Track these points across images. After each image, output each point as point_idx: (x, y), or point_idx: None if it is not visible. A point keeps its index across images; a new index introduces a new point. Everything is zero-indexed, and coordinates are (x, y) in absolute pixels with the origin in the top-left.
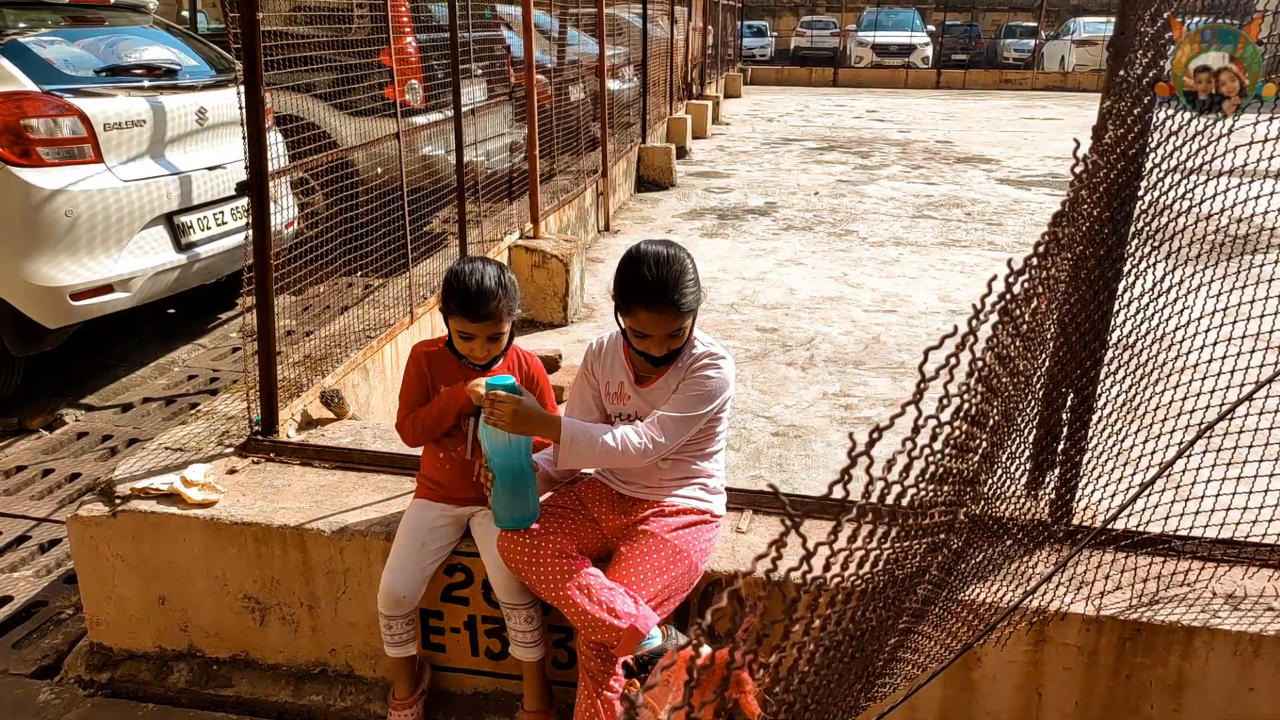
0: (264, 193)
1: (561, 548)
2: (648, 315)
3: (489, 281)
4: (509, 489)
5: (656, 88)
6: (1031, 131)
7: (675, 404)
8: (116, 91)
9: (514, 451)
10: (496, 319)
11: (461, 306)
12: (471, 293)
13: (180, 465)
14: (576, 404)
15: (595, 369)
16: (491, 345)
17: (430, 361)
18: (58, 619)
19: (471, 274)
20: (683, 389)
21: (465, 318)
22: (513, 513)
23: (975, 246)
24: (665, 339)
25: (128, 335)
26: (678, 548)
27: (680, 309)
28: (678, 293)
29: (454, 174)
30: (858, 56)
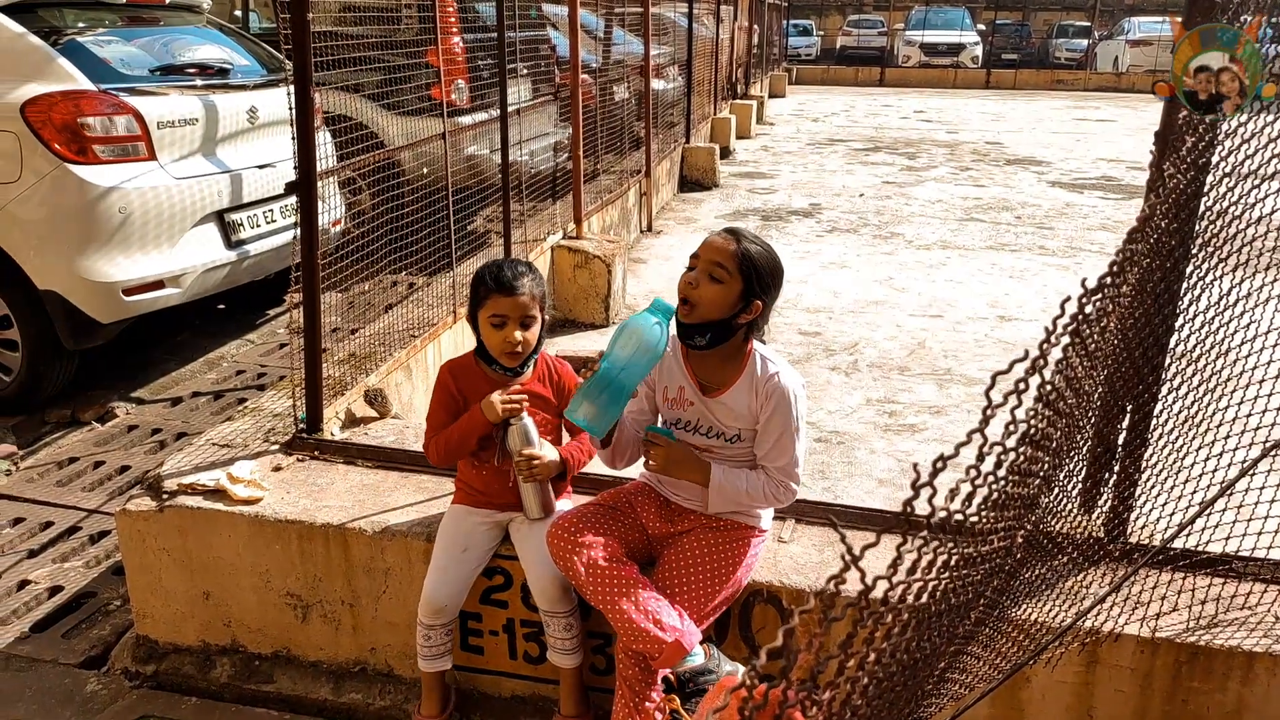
0: (311, 192)
1: (612, 551)
2: (710, 240)
3: (520, 266)
4: (601, 393)
5: (701, 87)
6: (1084, 133)
7: (779, 448)
8: (170, 90)
9: (630, 367)
10: (529, 297)
11: (495, 284)
12: (505, 272)
13: (227, 461)
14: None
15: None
16: (524, 333)
17: (457, 377)
18: (106, 610)
19: (503, 262)
20: (770, 425)
21: (500, 295)
22: (586, 415)
23: (1025, 251)
24: (705, 271)
25: (178, 330)
26: (722, 559)
27: (738, 243)
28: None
29: (498, 173)
30: (905, 56)
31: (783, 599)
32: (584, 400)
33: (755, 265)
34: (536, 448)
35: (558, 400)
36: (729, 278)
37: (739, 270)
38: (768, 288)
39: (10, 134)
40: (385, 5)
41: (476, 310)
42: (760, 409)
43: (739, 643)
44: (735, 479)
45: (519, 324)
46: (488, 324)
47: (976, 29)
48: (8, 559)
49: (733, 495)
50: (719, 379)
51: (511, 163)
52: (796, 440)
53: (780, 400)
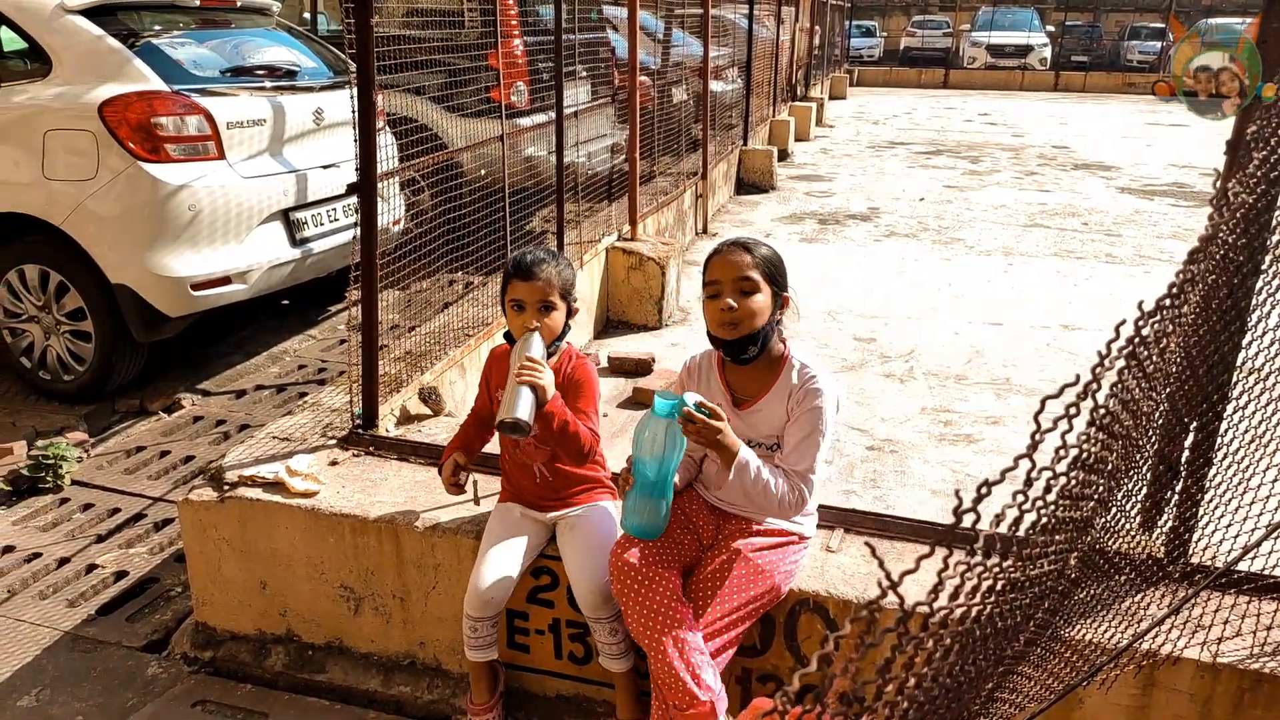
0: (371, 192)
1: (673, 588)
2: (718, 260)
3: (543, 253)
4: (649, 496)
5: (760, 89)
6: (1155, 138)
7: (800, 451)
8: (239, 91)
9: (667, 463)
10: (547, 283)
11: (515, 269)
12: (525, 257)
13: (286, 455)
14: None
15: (688, 388)
16: (543, 317)
17: (494, 363)
18: (168, 595)
19: (529, 250)
20: (796, 428)
21: (518, 279)
22: (643, 521)
23: (1091, 258)
24: (734, 291)
25: (243, 325)
26: (760, 568)
27: (751, 253)
28: (751, 243)
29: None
30: (971, 57)
31: (829, 609)
32: (633, 511)
33: (774, 265)
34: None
35: (564, 388)
36: (758, 286)
37: (764, 275)
38: (786, 281)
39: (88, 133)
40: (448, 9)
41: (503, 296)
42: (791, 411)
43: (784, 652)
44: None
45: (537, 308)
46: (509, 308)
47: (1045, 30)
48: (77, 543)
49: (751, 482)
50: (753, 389)
51: (568, 164)
52: (819, 449)
53: (814, 402)
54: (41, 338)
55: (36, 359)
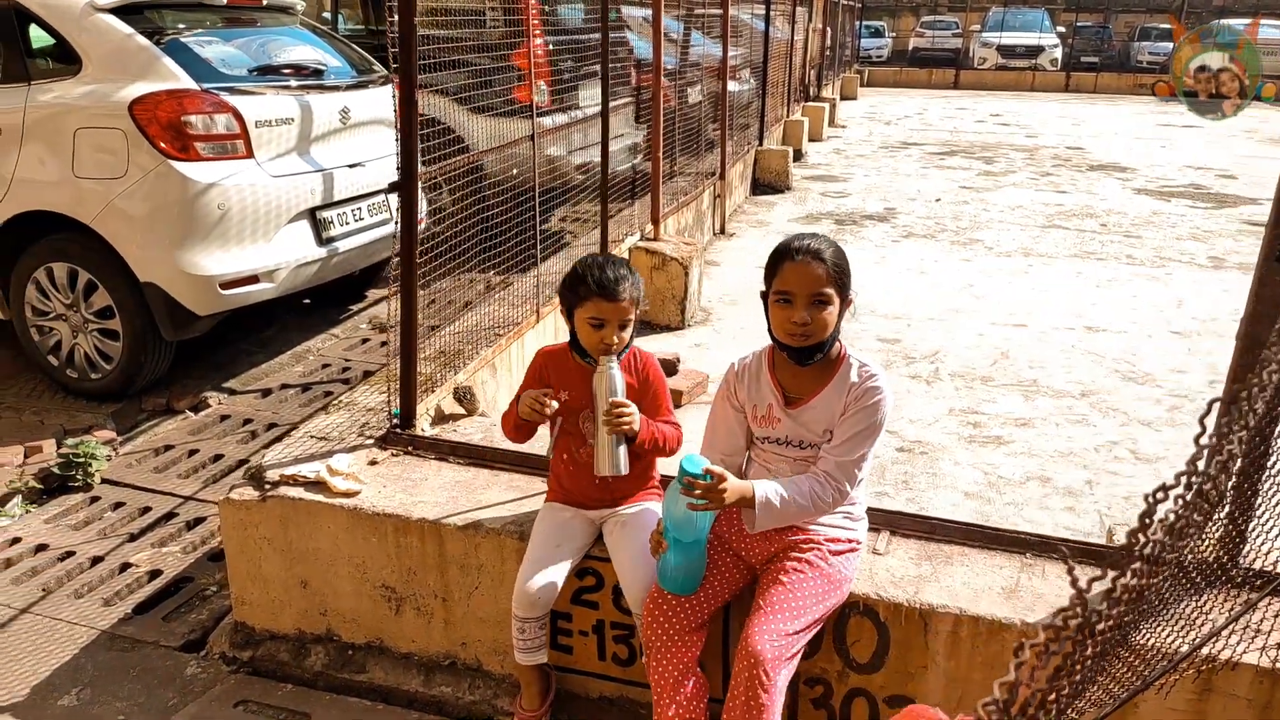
0: (412, 190)
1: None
2: (792, 267)
3: (621, 268)
4: (684, 560)
5: (774, 89)
6: (1169, 139)
7: (853, 443)
8: (267, 90)
9: (698, 528)
10: (631, 302)
11: (599, 290)
12: (608, 275)
13: (325, 454)
14: (720, 430)
15: (738, 392)
16: (622, 334)
17: (549, 363)
18: (203, 595)
19: (604, 263)
20: (852, 421)
21: (602, 299)
22: (679, 581)
23: (1111, 260)
24: (809, 304)
25: (266, 324)
26: (830, 577)
27: (827, 264)
28: (821, 248)
29: (575, 174)
30: (981, 58)
31: (879, 612)
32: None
33: (844, 271)
34: (621, 396)
35: (640, 392)
36: (831, 298)
37: (837, 287)
38: (851, 281)
39: (118, 131)
40: (472, 8)
41: (574, 307)
42: (848, 407)
43: (833, 655)
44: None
45: (617, 326)
46: (585, 323)
47: (1056, 31)
48: (110, 542)
49: (779, 511)
50: (808, 387)
51: (589, 163)
52: (871, 444)
53: (873, 401)
54: (69, 336)
55: (64, 357)
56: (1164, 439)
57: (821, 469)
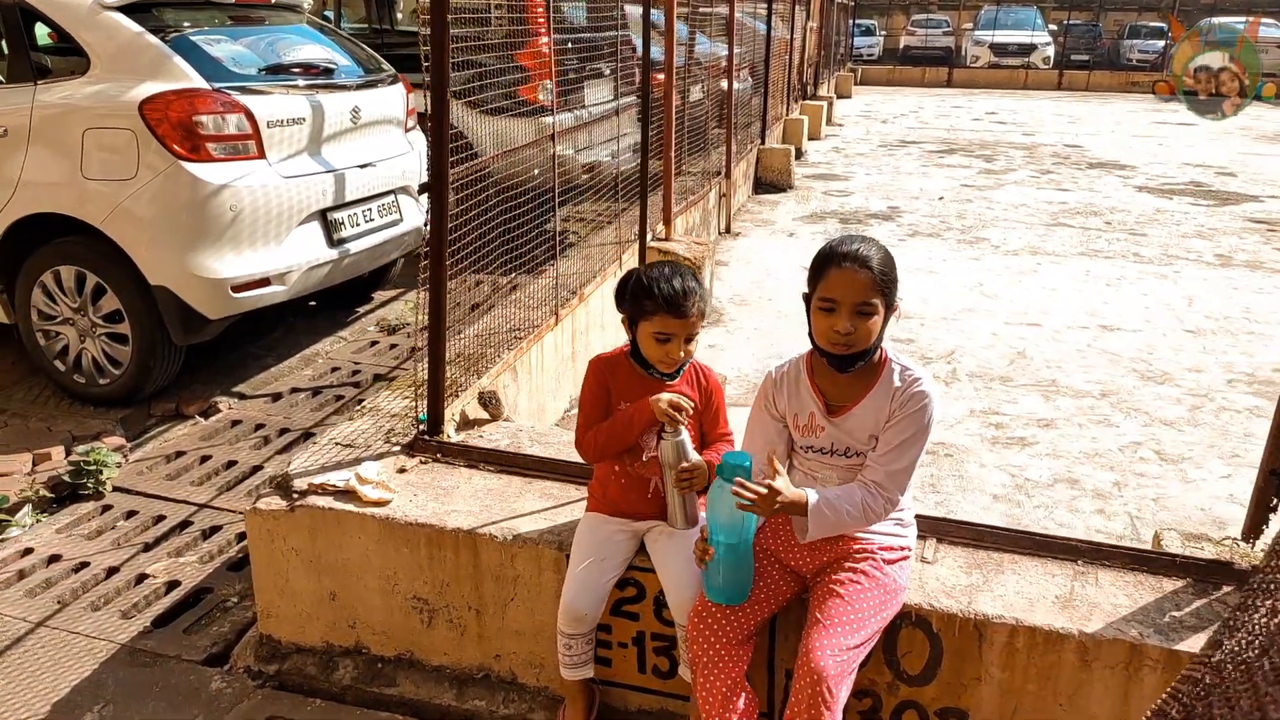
0: (443, 193)
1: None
2: (838, 274)
3: (689, 280)
4: (732, 567)
5: (773, 88)
6: (1165, 136)
7: (900, 450)
8: (278, 90)
9: (745, 531)
10: (699, 317)
11: (667, 305)
12: (677, 290)
13: (352, 462)
14: (758, 441)
15: (776, 401)
16: (688, 347)
17: (610, 373)
18: (224, 606)
19: (670, 274)
20: (898, 428)
21: (670, 315)
22: (727, 590)
23: (1119, 258)
24: (853, 313)
25: (274, 327)
26: (887, 587)
27: (874, 271)
28: (868, 254)
29: (582, 173)
30: (974, 56)
31: (932, 623)
32: (716, 581)
33: (890, 280)
34: (691, 460)
35: (702, 406)
36: (876, 308)
37: (882, 295)
38: (897, 285)
39: (128, 131)
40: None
41: (639, 318)
42: (894, 413)
43: (882, 667)
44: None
45: (684, 340)
46: (650, 337)
47: (1048, 29)
48: (124, 552)
49: (832, 521)
50: (849, 394)
51: (593, 163)
52: (919, 452)
53: (920, 405)
54: (76, 340)
55: (71, 362)
56: (1187, 439)
57: (870, 479)
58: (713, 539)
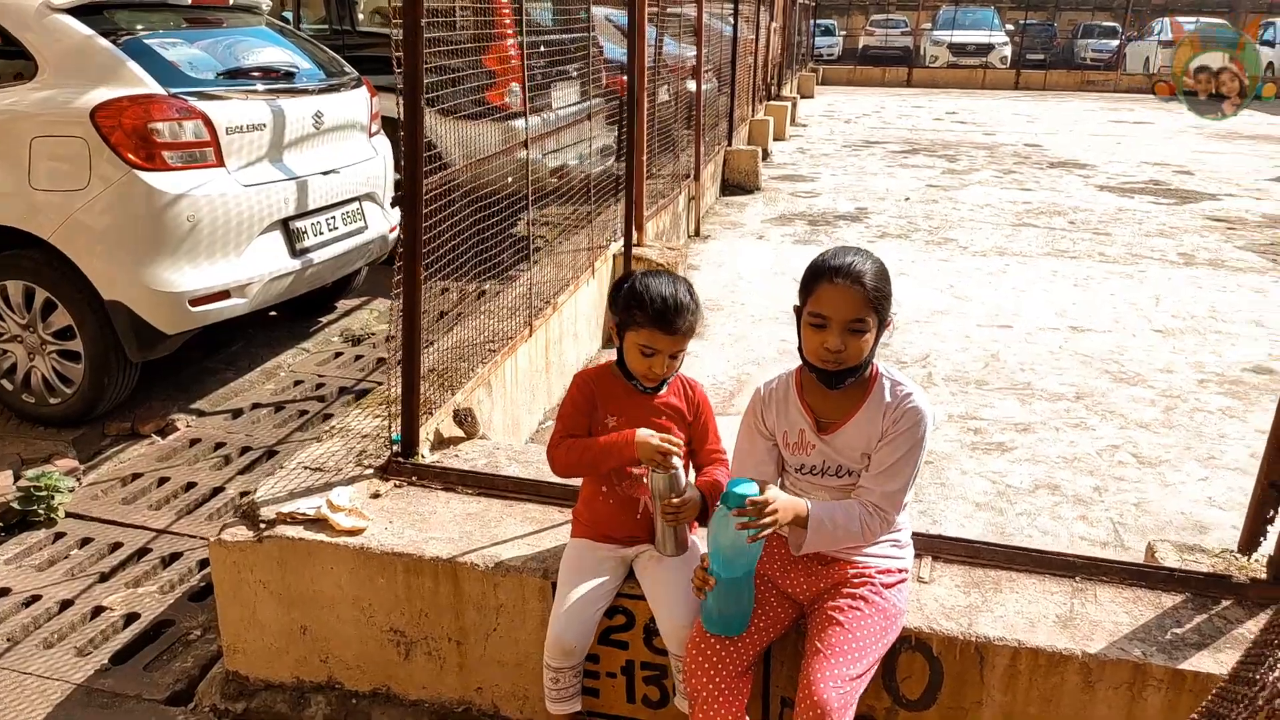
0: (417, 204)
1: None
2: (829, 290)
3: (682, 295)
4: (734, 597)
5: (739, 89)
6: (1122, 135)
7: (896, 469)
8: (237, 95)
9: (749, 561)
10: (687, 334)
11: (656, 320)
12: (669, 305)
13: (322, 487)
14: (748, 460)
15: (765, 418)
16: (671, 363)
17: (597, 386)
18: (186, 640)
19: (664, 287)
20: (892, 447)
21: (658, 331)
22: (727, 621)
23: (1085, 258)
24: (844, 330)
25: (232, 339)
26: (887, 612)
27: (866, 289)
28: (862, 269)
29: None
30: (933, 56)
31: (933, 647)
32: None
33: (884, 295)
34: (683, 494)
35: (691, 416)
36: (868, 325)
37: (875, 311)
38: (891, 299)
39: (79, 139)
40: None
41: (627, 327)
42: (886, 430)
43: (880, 692)
44: (833, 519)
45: (668, 356)
46: (636, 349)
47: (1005, 29)
48: (78, 583)
49: (830, 534)
50: (840, 411)
51: (561, 167)
52: (914, 471)
53: (913, 422)
54: (25, 358)
55: (20, 381)
56: (1163, 442)
57: (868, 500)
58: (714, 569)
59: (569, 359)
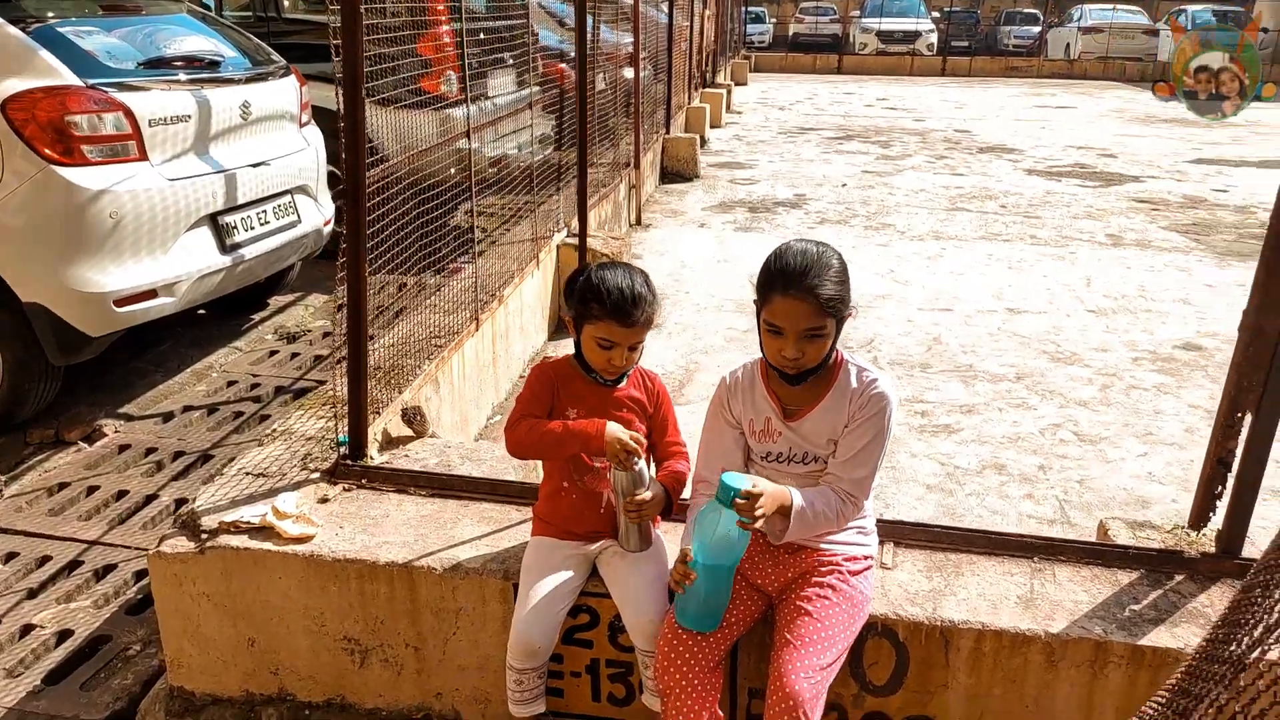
0: (360, 198)
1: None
2: (781, 302)
3: (639, 287)
4: (715, 592)
5: (676, 76)
6: (1047, 120)
7: (863, 456)
8: (160, 85)
9: (736, 555)
10: (646, 326)
11: (613, 312)
12: (626, 297)
13: (266, 493)
14: (715, 449)
15: (732, 406)
16: (630, 355)
17: (556, 378)
18: (125, 656)
19: (621, 279)
20: (859, 433)
21: (616, 323)
22: (705, 616)
23: (1017, 240)
24: (799, 339)
25: (160, 339)
26: (854, 600)
27: (820, 299)
28: (817, 279)
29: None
30: (862, 43)
31: (899, 632)
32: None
33: (841, 301)
34: (646, 490)
35: (651, 408)
36: (828, 329)
37: (831, 316)
38: (850, 295)
39: None
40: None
41: (584, 320)
42: (853, 417)
43: (848, 679)
44: (813, 506)
45: (627, 349)
46: (593, 341)
47: (930, 16)
48: (5, 600)
49: (811, 523)
50: (806, 398)
51: (499, 157)
52: (880, 456)
53: (879, 408)
54: None
55: None
56: (1102, 419)
57: (837, 487)
58: (697, 563)
59: (516, 352)
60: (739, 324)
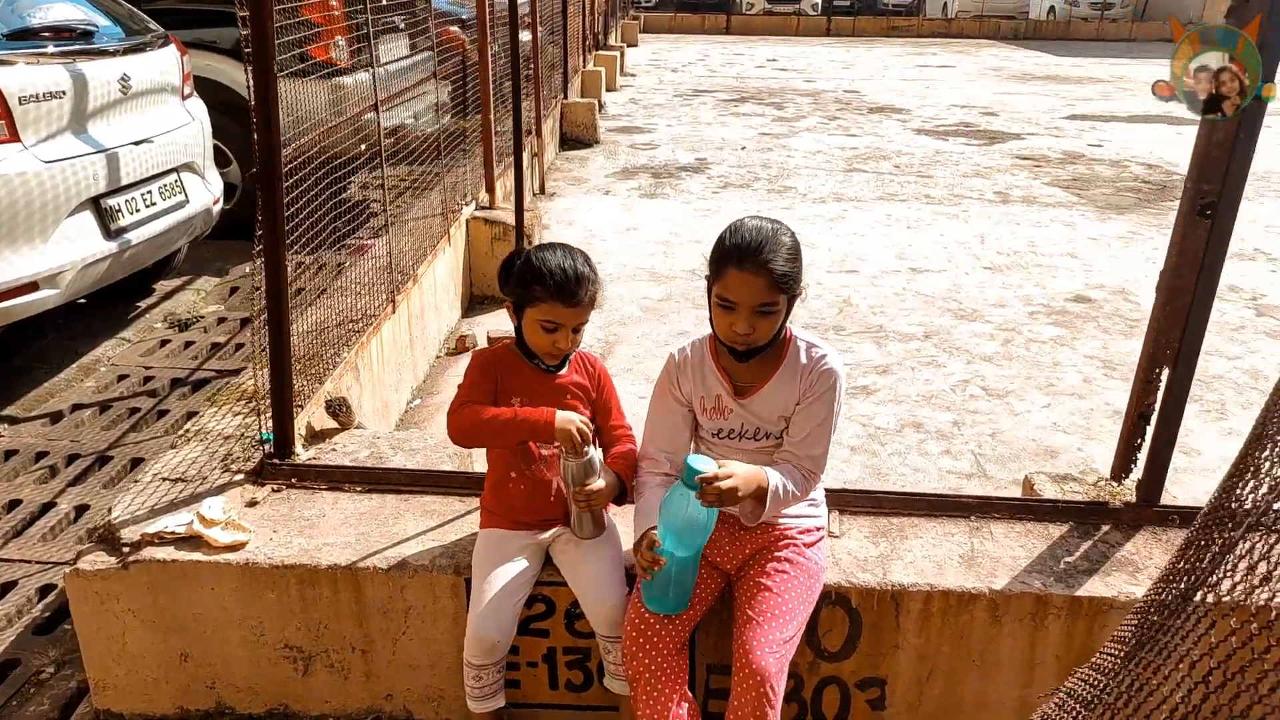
0: (275, 178)
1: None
2: (735, 276)
3: (581, 266)
4: (683, 576)
5: (571, 39)
6: (929, 79)
7: (818, 433)
8: (27, 58)
9: (701, 538)
10: (590, 305)
11: (557, 293)
12: (569, 277)
13: (187, 500)
14: (662, 427)
15: (681, 384)
16: (575, 337)
17: (499, 366)
18: (38, 680)
19: (562, 259)
20: (812, 410)
21: (560, 304)
22: (669, 601)
23: (913, 200)
24: (752, 314)
25: (41, 332)
26: (810, 571)
27: (773, 274)
28: (771, 255)
29: (385, 139)
30: (749, 4)
31: (852, 599)
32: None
33: (793, 277)
34: (599, 479)
35: (595, 393)
36: (780, 305)
37: (783, 292)
38: (802, 273)
39: None
40: None
41: (525, 304)
42: (804, 394)
43: (803, 648)
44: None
45: (571, 330)
46: (537, 325)
47: None
48: None
49: (783, 502)
50: (756, 374)
51: (396, 127)
52: (833, 431)
53: (829, 384)
54: None
55: None
56: (1006, 373)
57: (796, 465)
58: (665, 549)
59: (431, 332)
60: (653, 293)
